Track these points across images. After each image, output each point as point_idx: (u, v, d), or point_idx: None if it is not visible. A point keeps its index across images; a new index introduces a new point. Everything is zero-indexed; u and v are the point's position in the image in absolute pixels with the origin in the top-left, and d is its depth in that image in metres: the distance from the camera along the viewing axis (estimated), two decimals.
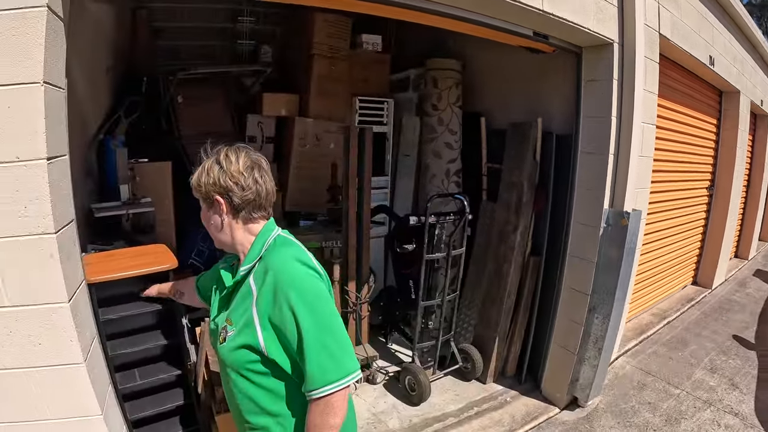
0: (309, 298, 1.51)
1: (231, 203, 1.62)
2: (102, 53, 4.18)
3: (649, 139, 4.06)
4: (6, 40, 1.59)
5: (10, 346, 1.79)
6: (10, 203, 1.69)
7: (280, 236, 1.69)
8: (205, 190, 1.63)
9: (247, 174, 1.61)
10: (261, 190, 1.64)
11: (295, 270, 1.55)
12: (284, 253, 1.60)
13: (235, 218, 1.66)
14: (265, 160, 1.69)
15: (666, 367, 4.70)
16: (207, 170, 1.63)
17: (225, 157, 1.62)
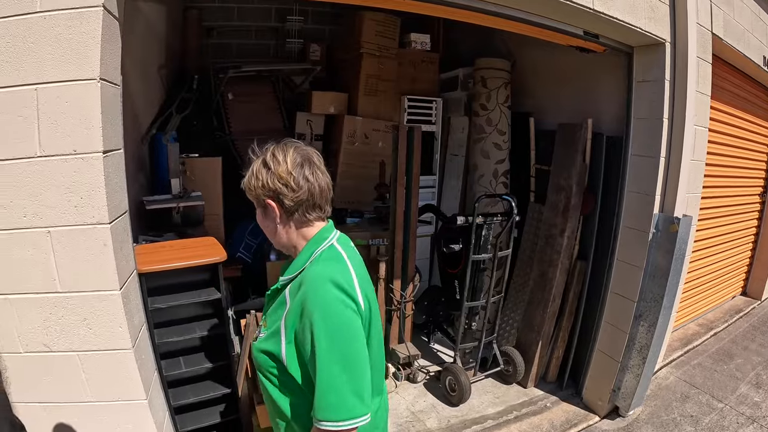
0: (331, 326, 1.39)
1: (283, 206, 1.52)
2: (154, 52, 4.31)
3: (701, 142, 3.92)
4: (64, 39, 1.67)
5: (61, 330, 1.88)
6: (66, 194, 1.77)
7: (331, 247, 1.56)
8: (256, 194, 1.54)
9: (296, 173, 1.49)
10: (314, 188, 1.52)
11: (327, 293, 1.41)
12: (324, 271, 1.46)
13: (289, 221, 1.56)
14: (317, 155, 1.58)
15: (710, 380, 4.54)
16: (255, 173, 1.53)
17: (272, 157, 1.51)
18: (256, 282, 4.65)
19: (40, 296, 1.83)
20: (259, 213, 1.61)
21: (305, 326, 1.40)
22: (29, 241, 1.78)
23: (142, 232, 3.36)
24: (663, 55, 3.43)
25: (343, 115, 5.30)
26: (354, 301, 1.44)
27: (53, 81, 1.68)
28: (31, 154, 1.71)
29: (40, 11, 1.64)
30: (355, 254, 1.61)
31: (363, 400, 1.41)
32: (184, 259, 2.54)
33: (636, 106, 3.63)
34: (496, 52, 5.04)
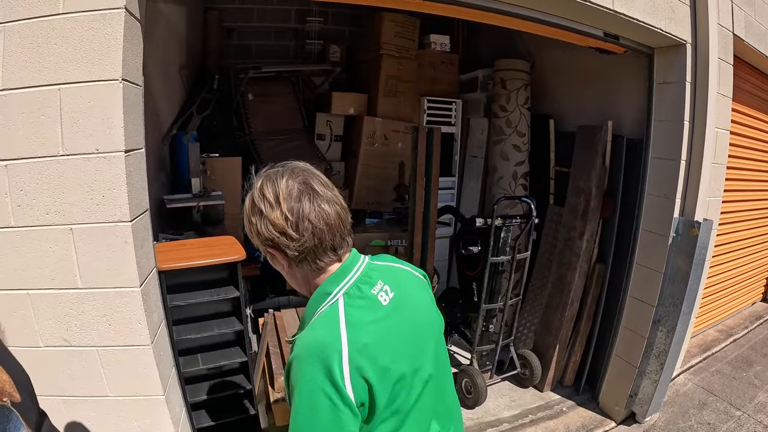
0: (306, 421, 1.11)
1: (286, 255, 1.23)
2: (175, 52, 4.37)
3: (723, 145, 3.86)
4: (87, 40, 1.71)
5: (81, 326, 1.92)
6: (88, 192, 1.80)
7: (332, 307, 1.20)
8: (254, 241, 1.27)
9: (294, 215, 1.18)
10: (319, 229, 1.20)
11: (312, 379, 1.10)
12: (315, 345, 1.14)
13: (300, 267, 1.26)
14: (319, 178, 1.26)
15: (729, 387, 4.46)
16: (249, 217, 1.25)
17: (261, 197, 1.21)
18: (275, 281, 4.69)
19: (62, 292, 1.86)
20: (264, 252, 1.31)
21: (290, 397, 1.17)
22: (51, 238, 1.82)
23: (162, 231, 3.41)
24: (684, 57, 3.38)
25: (362, 116, 5.31)
26: (338, 390, 1.09)
27: (76, 81, 1.72)
28: (53, 153, 1.75)
29: (63, 13, 1.68)
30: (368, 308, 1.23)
31: None
32: (204, 258, 2.57)
33: (657, 108, 3.59)
34: (515, 54, 5.02)
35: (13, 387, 0.96)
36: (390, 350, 1.20)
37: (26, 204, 1.78)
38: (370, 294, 1.24)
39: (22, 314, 1.87)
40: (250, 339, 2.97)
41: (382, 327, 1.21)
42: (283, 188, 1.19)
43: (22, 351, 1.90)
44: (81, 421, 2.02)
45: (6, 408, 0.91)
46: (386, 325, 1.23)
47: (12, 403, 0.94)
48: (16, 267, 1.83)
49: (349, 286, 1.24)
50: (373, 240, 4.70)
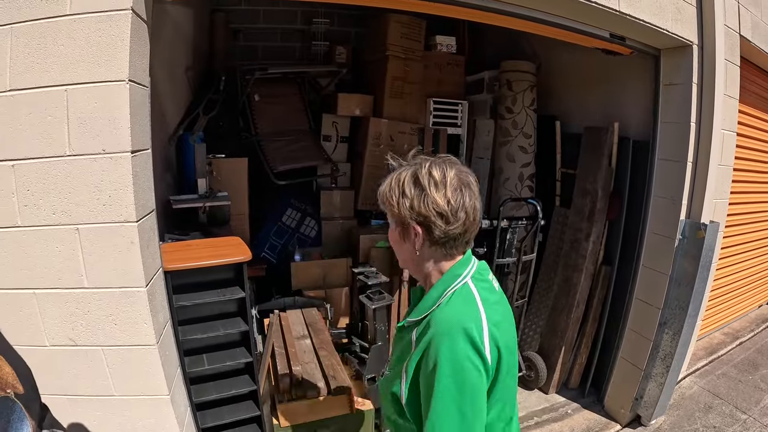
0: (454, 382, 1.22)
1: (431, 235, 1.32)
2: (182, 53, 4.38)
3: (729, 147, 3.84)
4: (93, 41, 1.72)
5: (86, 325, 1.93)
6: (95, 192, 1.82)
7: (464, 286, 1.34)
8: (400, 212, 1.33)
9: (455, 201, 1.28)
10: (470, 222, 1.32)
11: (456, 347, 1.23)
12: (454, 317, 1.28)
13: (429, 252, 1.36)
14: (474, 178, 1.36)
15: (735, 391, 4.44)
16: (403, 188, 1.33)
17: (428, 175, 1.30)
18: (281, 282, 4.70)
19: (68, 291, 1.88)
20: (395, 231, 1.41)
21: (427, 373, 1.26)
22: (58, 238, 1.83)
23: (168, 231, 3.41)
24: (690, 58, 3.37)
25: (368, 118, 5.31)
26: (481, 357, 1.24)
27: (83, 82, 1.73)
28: (60, 153, 1.76)
29: (70, 14, 1.69)
30: (490, 291, 1.40)
31: None
32: (210, 258, 2.57)
33: (663, 110, 3.58)
34: (521, 55, 5.02)
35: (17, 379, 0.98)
36: (507, 330, 1.37)
37: (33, 204, 1.79)
38: (488, 278, 1.43)
39: (29, 313, 1.88)
40: (255, 339, 2.98)
41: (501, 309, 1.39)
42: (451, 176, 1.30)
43: (28, 350, 1.91)
44: (86, 420, 2.03)
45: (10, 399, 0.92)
46: (503, 307, 1.41)
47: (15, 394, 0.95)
48: (23, 266, 1.84)
49: (474, 271, 1.39)
50: (379, 241, 4.70)
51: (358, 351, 3.52)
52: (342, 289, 4.72)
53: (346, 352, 3.60)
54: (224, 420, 2.64)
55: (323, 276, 4.68)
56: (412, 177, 1.32)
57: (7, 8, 1.68)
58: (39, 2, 1.68)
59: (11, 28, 1.69)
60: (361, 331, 3.65)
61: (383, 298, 3.29)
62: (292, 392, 3.14)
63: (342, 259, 4.80)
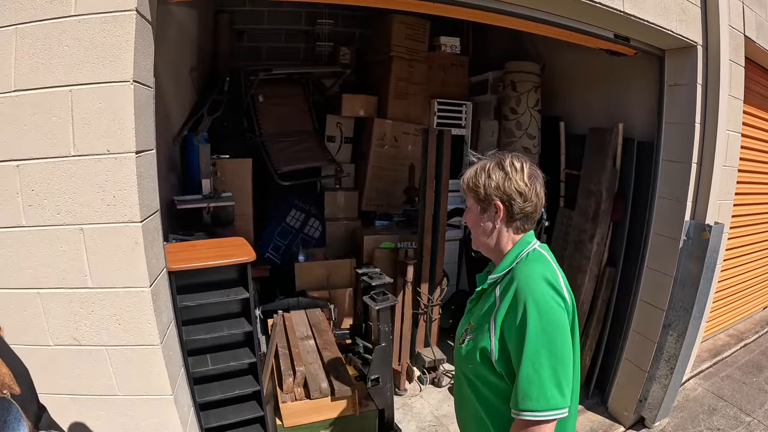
0: (544, 320, 1.44)
1: (510, 211, 1.60)
2: (186, 54, 4.39)
3: (734, 148, 3.83)
4: (98, 42, 1.73)
5: (90, 325, 1.93)
6: (99, 192, 1.82)
7: (535, 250, 1.63)
8: (485, 192, 1.61)
9: (530, 185, 1.59)
10: (538, 203, 1.62)
11: (541, 289, 1.48)
12: (535, 269, 1.54)
13: (506, 226, 1.63)
14: (540, 172, 1.66)
15: (739, 393, 4.42)
16: (489, 172, 1.61)
17: (511, 164, 1.60)
18: (284, 282, 4.70)
19: (72, 291, 1.88)
20: (474, 210, 1.68)
21: (517, 318, 1.47)
22: (62, 238, 1.83)
23: (172, 231, 3.42)
24: (695, 58, 3.36)
25: (372, 118, 5.31)
26: (563, 298, 1.50)
27: (87, 83, 1.74)
28: (65, 154, 1.77)
29: (74, 15, 1.70)
30: (554, 259, 1.65)
31: (564, 394, 1.44)
32: (214, 259, 2.57)
33: (668, 111, 3.57)
34: (525, 56, 5.01)
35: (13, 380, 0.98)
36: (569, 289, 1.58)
37: (37, 204, 1.80)
38: (547, 248, 1.68)
39: (33, 313, 1.89)
40: (259, 340, 2.98)
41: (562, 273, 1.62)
42: (527, 167, 1.61)
43: (31, 349, 1.92)
44: (90, 420, 2.04)
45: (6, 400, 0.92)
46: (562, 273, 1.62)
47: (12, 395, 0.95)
48: (27, 266, 1.85)
49: (539, 243, 1.67)
50: (383, 242, 4.70)
51: (362, 352, 3.52)
52: (346, 289, 4.72)
53: (349, 352, 3.60)
54: (228, 420, 2.65)
55: (327, 277, 4.69)
56: (497, 164, 1.62)
57: (12, 9, 1.69)
58: (44, 3, 1.69)
59: (16, 28, 1.69)
60: (364, 332, 3.64)
61: (387, 299, 3.29)
62: (295, 393, 3.15)
63: (346, 260, 4.80)
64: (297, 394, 3.16)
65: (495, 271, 1.64)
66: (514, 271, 1.56)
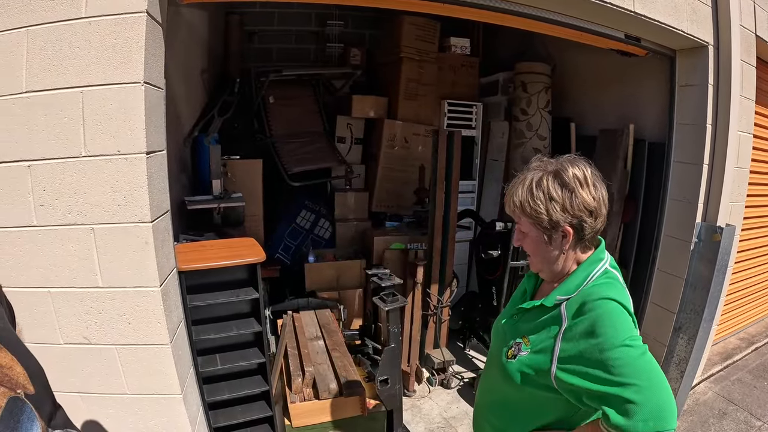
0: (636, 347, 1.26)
1: (579, 233, 1.37)
2: (197, 56, 4.41)
3: (746, 149, 3.79)
4: (109, 43, 1.74)
5: (101, 324, 1.95)
6: (110, 192, 1.84)
7: (607, 271, 1.42)
8: (550, 218, 1.36)
9: (598, 198, 1.35)
10: (606, 216, 1.39)
11: (622, 315, 1.31)
12: (612, 293, 1.34)
13: (573, 249, 1.42)
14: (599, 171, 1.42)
15: (750, 397, 4.37)
16: (548, 192, 1.35)
17: (573, 176, 1.34)
18: (294, 283, 4.71)
19: (82, 290, 1.90)
20: (535, 238, 1.44)
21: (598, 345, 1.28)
22: (73, 238, 1.85)
23: (183, 232, 3.44)
24: (706, 59, 3.34)
25: (383, 119, 5.31)
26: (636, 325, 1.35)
27: (98, 84, 1.75)
28: (76, 154, 1.79)
29: (85, 17, 1.72)
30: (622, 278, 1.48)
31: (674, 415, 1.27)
32: (224, 259, 2.58)
33: (679, 111, 3.54)
34: (536, 56, 4.99)
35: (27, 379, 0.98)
36: None
37: (48, 204, 1.81)
38: (616, 266, 1.49)
39: (43, 311, 1.91)
40: (268, 340, 2.98)
41: None
42: (589, 174, 1.35)
43: (42, 347, 1.94)
44: (99, 418, 2.06)
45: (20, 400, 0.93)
46: None
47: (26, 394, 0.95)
48: (38, 265, 1.87)
49: (609, 260, 1.47)
50: (393, 243, 4.70)
51: (371, 353, 3.52)
52: (355, 290, 4.72)
53: (359, 353, 3.61)
54: (236, 420, 2.66)
55: (337, 277, 4.69)
56: (556, 178, 1.35)
57: (24, 11, 1.71)
58: (55, 5, 1.71)
59: (27, 30, 1.71)
60: (374, 333, 3.65)
61: (397, 300, 3.29)
62: (304, 393, 3.15)
63: (356, 261, 4.80)
64: (306, 395, 3.16)
65: (558, 290, 1.43)
66: (586, 293, 1.36)
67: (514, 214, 1.45)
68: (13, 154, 1.79)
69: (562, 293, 1.41)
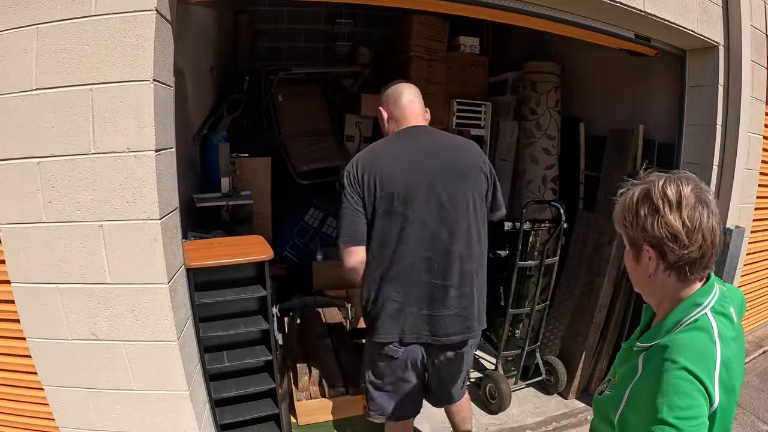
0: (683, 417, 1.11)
1: (664, 258, 1.23)
2: (206, 54, 4.43)
3: (756, 150, 3.74)
4: (118, 41, 1.75)
5: (108, 320, 1.96)
6: (119, 189, 1.85)
7: (703, 318, 1.23)
8: (631, 234, 1.28)
9: (690, 222, 1.19)
10: (707, 246, 1.20)
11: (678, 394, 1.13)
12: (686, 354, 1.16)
13: (665, 275, 1.26)
14: (712, 196, 1.25)
15: (757, 400, 4.33)
16: (636, 207, 1.26)
17: (662, 194, 1.22)
18: (302, 281, 4.72)
19: (91, 287, 1.91)
20: (629, 252, 1.35)
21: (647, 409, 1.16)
22: (82, 234, 1.86)
23: (191, 229, 3.45)
24: (716, 59, 3.31)
25: None
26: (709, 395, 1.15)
27: (108, 81, 1.76)
28: (85, 151, 1.80)
29: (95, 15, 1.73)
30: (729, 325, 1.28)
31: None
32: (232, 257, 2.59)
33: (688, 112, 3.51)
34: (545, 56, 4.96)
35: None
36: (736, 370, 1.24)
37: (57, 200, 1.83)
38: (728, 312, 1.28)
39: (52, 307, 1.93)
40: (275, 338, 2.99)
41: (736, 346, 1.27)
42: (686, 194, 1.20)
43: (50, 343, 1.96)
44: (106, 414, 2.07)
45: None
46: (739, 344, 1.29)
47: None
48: (47, 261, 1.88)
49: (715, 301, 1.26)
50: None
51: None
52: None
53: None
54: (243, 417, 2.67)
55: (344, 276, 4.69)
56: (645, 197, 1.25)
57: (35, 9, 1.72)
58: (65, 3, 1.72)
59: (37, 28, 1.73)
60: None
61: None
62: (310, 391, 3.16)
63: None
64: (312, 393, 3.18)
65: (646, 337, 1.32)
66: (666, 344, 1.21)
67: (615, 226, 1.37)
68: (23, 151, 1.80)
69: (647, 339, 1.31)
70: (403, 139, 2.46)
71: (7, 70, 1.77)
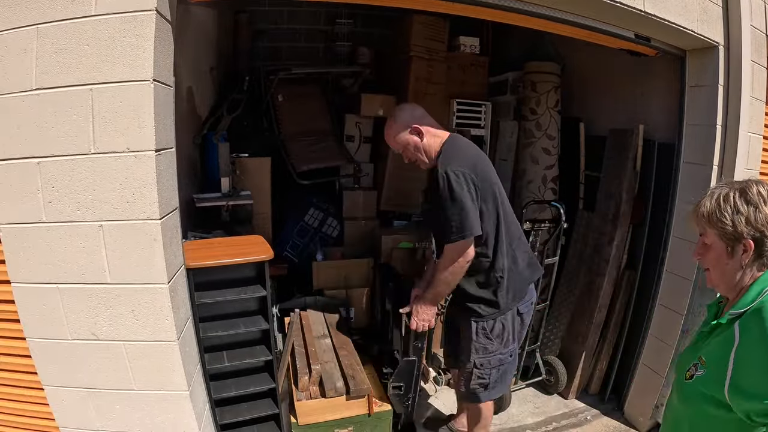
0: None
1: (761, 248, 1.44)
2: (205, 54, 4.43)
3: (756, 151, 3.72)
4: (118, 41, 1.75)
5: (108, 320, 1.96)
6: (119, 189, 1.85)
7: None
8: (735, 229, 1.44)
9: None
10: None
11: None
12: None
13: (752, 263, 1.47)
14: None
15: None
16: (734, 205, 1.45)
17: (757, 193, 1.44)
18: (302, 281, 4.72)
19: (91, 287, 1.91)
20: (718, 249, 1.52)
21: None
22: (81, 234, 1.86)
23: (191, 229, 3.45)
24: (716, 59, 3.31)
25: None
26: None
27: (107, 81, 1.76)
28: (85, 151, 1.80)
29: (95, 15, 1.72)
30: None
31: None
32: (232, 257, 2.59)
33: (688, 112, 3.51)
34: (545, 56, 4.96)
35: None
36: None
37: (57, 200, 1.83)
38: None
39: (52, 307, 1.92)
40: (275, 338, 2.99)
41: None
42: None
43: (50, 343, 1.96)
44: (106, 414, 2.07)
45: None
46: None
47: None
48: (47, 261, 1.88)
49: None
50: (401, 242, 4.70)
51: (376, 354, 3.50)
52: (363, 289, 4.71)
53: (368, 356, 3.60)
54: (242, 417, 2.67)
55: (344, 276, 4.69)
56: (741, 194, 1.45)
57: (34, 9, 1.72)
58: (65, 3, 1.72)
59: (37, 28, 1.72)
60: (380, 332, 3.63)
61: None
62: (310, 391, 3.16)
63: (363, 260, 4.80)
64: (312, 393, 3.17)
65: (734, 306, 1.49)
66: (760, 304, 1.40)
67: (700, 225, 1.55)
68: (23, 151, 1.80)
69: (737, 308, 1.46)
70: (465, 143, 2.92)
71: (7, 70, 1.77)
